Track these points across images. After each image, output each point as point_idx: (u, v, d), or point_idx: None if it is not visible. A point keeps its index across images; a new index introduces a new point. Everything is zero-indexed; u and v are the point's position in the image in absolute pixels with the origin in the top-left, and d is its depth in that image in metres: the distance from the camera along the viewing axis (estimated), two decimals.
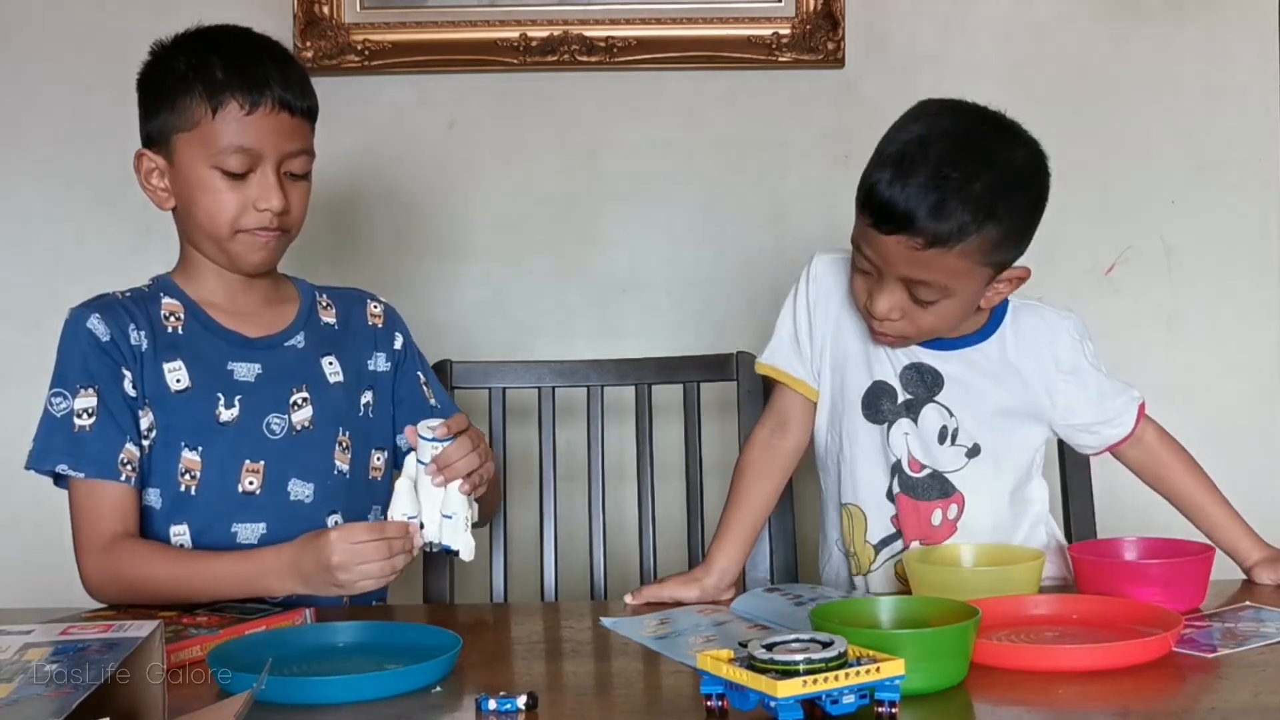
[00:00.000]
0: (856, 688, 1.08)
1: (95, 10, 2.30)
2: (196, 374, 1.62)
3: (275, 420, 1.64)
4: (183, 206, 1.63)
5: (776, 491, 1.73)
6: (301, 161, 1.63)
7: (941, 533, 1.63)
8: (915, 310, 1.54)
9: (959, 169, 1.46)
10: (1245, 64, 2.34)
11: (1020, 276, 1.58)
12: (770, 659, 1.09)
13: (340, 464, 1.67)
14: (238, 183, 1.59)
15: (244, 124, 1.57)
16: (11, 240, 2.32)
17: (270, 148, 1.59)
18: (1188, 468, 1.67)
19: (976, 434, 1.63)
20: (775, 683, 1.05)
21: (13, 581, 2.24)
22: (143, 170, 1.64)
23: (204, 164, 1.58)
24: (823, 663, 1.08)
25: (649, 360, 2.00)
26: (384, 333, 1.78)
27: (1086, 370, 1.65)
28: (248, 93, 1.57)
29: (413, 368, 1.79)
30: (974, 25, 2.33)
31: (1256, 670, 1.26)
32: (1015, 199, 1.51)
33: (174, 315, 1.64)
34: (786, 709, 1.05)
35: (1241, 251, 2.36)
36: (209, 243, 1.63)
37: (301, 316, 1.71)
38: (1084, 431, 1.67)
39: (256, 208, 1.59)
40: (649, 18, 2.30)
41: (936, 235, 1.46)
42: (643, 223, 2.35)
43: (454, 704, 1.21)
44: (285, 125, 1.60)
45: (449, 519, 1.48)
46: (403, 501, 1.48)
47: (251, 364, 1.65)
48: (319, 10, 2.27)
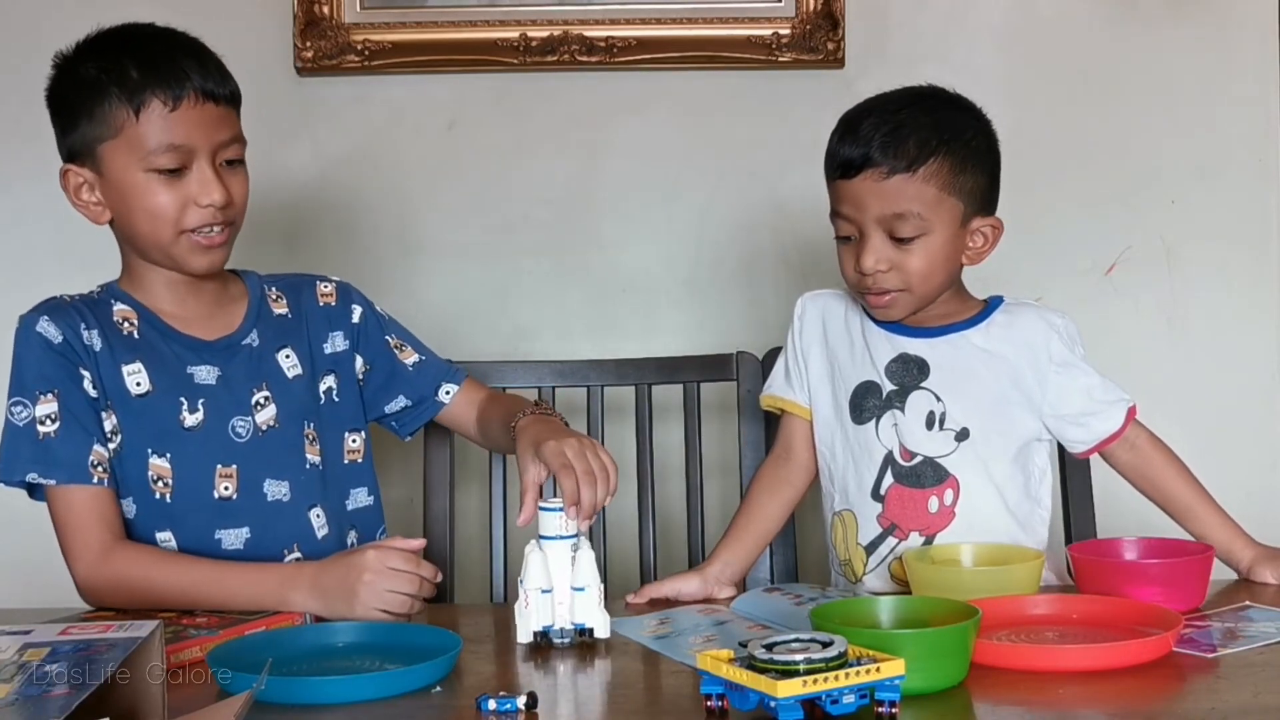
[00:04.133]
0: (856, 688, 1.08)
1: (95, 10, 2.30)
2: (156, 377, 1.58)
3: (240, 422, 1.61)
4: (120, 216, 1.58)
5: (784, 507, 1.76)
6: (235, 149, 1.57)
7: (940, 520, 1.64)
8: (900, 256, 1.59)
9: (904, 111, 1.59)
10: (1245, 64, 2.34)
11: (995, 225, 1.64)
12: (770, 659, 1.09)
13: (311, 457, 1.65)
14: (174, 181, 1.53)
15: (170, 121, 1.52)
16: (11, 240, 2.32)
17: (201, 140, 1.53)
18: (1178, 471, 1.67)
19: (965, 419, 1.64)
20: (775, 683, 1.06)
21: (13, 581, 2.24)
22: (71, 187, 1.58)
23: (136, 169, 1.53)
24: (823, 663, 1.08)
25: (649, 360, 2.00)
26: (338, 310, 1.73)
27: (1078, 365, 1.67)
28: (168, 88, 1.52)
29: (377, 334, 1.75)
30: (974, 25, 2.33)
31: (1256, 670, 1.26)
32: (967, 134, 1.61)
33: (127, 320, 1.60)
34: (786, 709, 1.05)
35: (1241, 251, 2.36)
36: (154, 249, 1.58)
37: (252, 312, 1.67)
38: (1074, 424, 1.67)
39: (198, 204, 1.53)
40: (649, 18, 2.30)
41: (896, 162, 1.56)
42: (643, 223, 2.35)
43: (454, 704, 1.21)
44: (212, 115, 1.54)
45: (580, 592, 1.38)
46: (535, 574, 1.38)
47: (210, 366, 1.61)
48: (319, 10, 2.26)
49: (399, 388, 1.76)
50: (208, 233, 1.56)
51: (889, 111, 1.59)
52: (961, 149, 1.59)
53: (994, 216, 1.64)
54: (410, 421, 1.79)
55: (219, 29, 2.25)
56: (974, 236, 1.63)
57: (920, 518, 1.64)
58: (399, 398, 1.76)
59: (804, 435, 1.75)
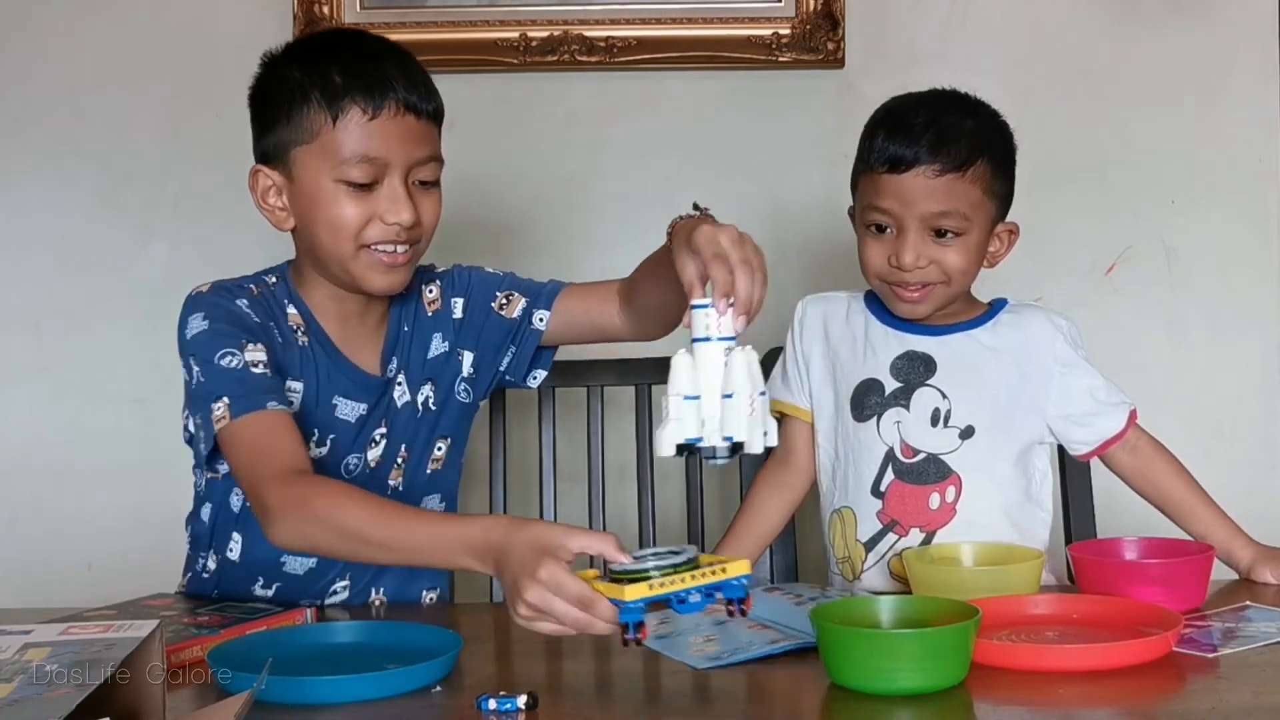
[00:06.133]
0: (703, 588, 1.15)
1: (95, 10, 2.30)
2: (308, 402, 1.55)
3: (353, 459, 1.60)
4: (303, 225, 1.53)
5: (785, 508, 1.76)
6: (430, 168, 1.53)
7: (941, 517, 1.64)
8: (941, 252, 1.61)
9: (949, 114, 1.62)
10: (1245, 64, 2.34)
11: (1012, 230, 1.68)
12: (625, 569, 1.16)
13: (393, 481, 1.63)
14: (363, 195, 1.48)
15: (367, 130, 1.47)
16: (11, 240, 2.32)
17: (397, 155, 1.49)
18: (1177, 473, 1.68)
19: (970, 416, 1.65)
20: (623, 588, 1.14)
21: (13, 581, 2.24)
22: (259, 189, 1.53)
23: (326, 177, 1.48)
24: (672, 568, 1.15)
25: (649, 360, 2.00)
26: (441, 313, 1.68)
27: (1083, 365, 1.68)
28: (369, 97, 1.47)
29: (481, 312, 1.67)
30: (974, 25, 2.33)
31: (1256, 670, 1.26)
32: (999, 140, 1.66)
33: (299, 330, 1.57)
34: (629, 611, 1.14)
35: (1241, 251, 2.36)
36: (333, 263, 1.53)
37: (390, 338, 1.63)
38: (1078, 424, 1.67)
39: (385, 221, 1.49)
40: (649, 18, 2.30)
41: (948, 162, 1.58)
42: (643, 223, 2.34)
43: (454, 704, 1.21)
44: (411, 129, 1.50)
45: (729, 399, 1.19)
46: (681, 381, 1.20)
47: (358, 403, 1.58)
48: (319, 10, 2.26)
49: (506, 343, 1.69)
50: (391, 251, 1.51)
51: (936, 111, 1.61)
52: (1000, 153, 1.64)
53: (1011, 222, 1.68)
54: (519, 367, 1.70)
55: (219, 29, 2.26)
56: (993, 240, 1.66)
57: (921, 514, 1.64)
58: (509, 351, 1.70)
59: (804, 438, 1.75)
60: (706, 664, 1.30)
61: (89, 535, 2.28)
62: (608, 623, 1.17)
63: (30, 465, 2.29)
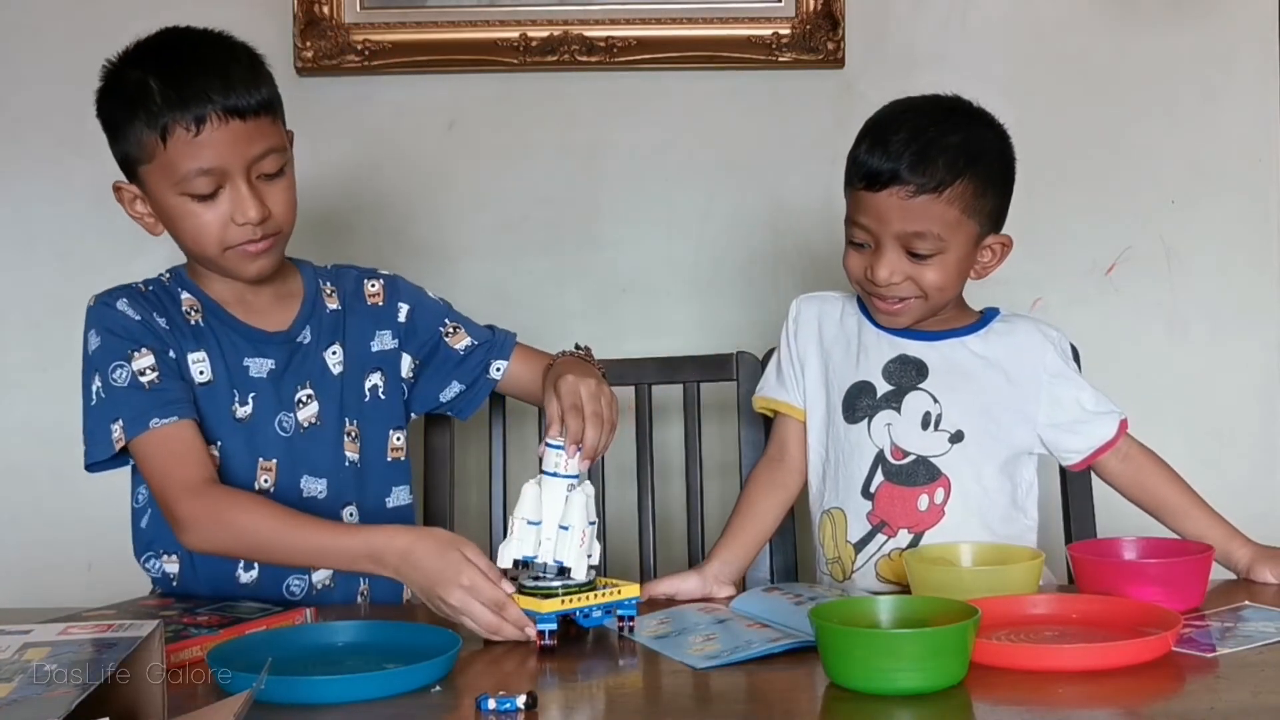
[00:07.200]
0: (603, 606, 1.41)
1: (95, 10, 2.30)
2: (217, 367, 1.61)
3: (285, 418, 1.64)
4: (170, 232, 1.59)
5: (780, 507, 1.76)
6: (271, 160, 1.55)
7: (929, 518, 1.64)
8: (917, 269, 1.60)
9: (935, 127, 1.59)
10: (1245, 64, 2.34)
11: (1004, 243, 1.66)
12: (535, 586, 1.41)
13: (350, 454, 1.68)
14: (211, 202, 1.53)
15: (196, 146, 1.50)
16: (11, 240, 2.32)
17: (232, 160, 1.51)
18: (1171, 477, 1.68)
19: (960, 421, 1.65)
20: (541, 602, 1.38)
21: (13, 581, 2.24)
22: (125, 200, 1.60)
23: (172, 193, 1.53)
24: (576, 587, 1.40)
25: (649, 360, 2.00)
26: (385, 310, 1.75)
27: (1072, 377, 1.69)
28: (188, 111, 1.49)
29: (427, 326, 1.76)
30: (974, 25, 2.33)
31: (1256, 670, 1.26)
32: (989, 155, 1.62)
33: (193, 310, 1.63)
34: (545, 620, 1.37)
35: (1241, 251, 2.36)
36: (204, 263, 1.61)
37: (307, 308, 1.69)
38: (1069, 432, 1.68)
39: (236, 222, 1.53)
40: (649, 18, 2.30)
41: (924, 182, 1.56)
42: (643, 223, 2.35)
43: (454, 704, 1.21)
44: (239, 132, 1.51)
45: (565, 531, 1.41)
46: (527, 507, 1.43)
47: (265, 360, 1.63)
48: (319, 10, 2.27)
49: (452, 375, 1.77)
50: (250, 246, 1.57)
51: (919, 126, 1.58)
52: (985, 171, 1.60)
53: (1004, 234, 1.66)
54: (467, 405, 1.79)
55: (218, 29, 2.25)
56: (983, 253, 1.65)
57: (910, 515, 1.65)
58: (452, 384, 1.77)
59: (797, 437, 1.76)
60: (706, 663, 1.30)
61: (89, 535, 2.27)
62: (516, 627, 1.38)
63: (30, 465, 2.29)
